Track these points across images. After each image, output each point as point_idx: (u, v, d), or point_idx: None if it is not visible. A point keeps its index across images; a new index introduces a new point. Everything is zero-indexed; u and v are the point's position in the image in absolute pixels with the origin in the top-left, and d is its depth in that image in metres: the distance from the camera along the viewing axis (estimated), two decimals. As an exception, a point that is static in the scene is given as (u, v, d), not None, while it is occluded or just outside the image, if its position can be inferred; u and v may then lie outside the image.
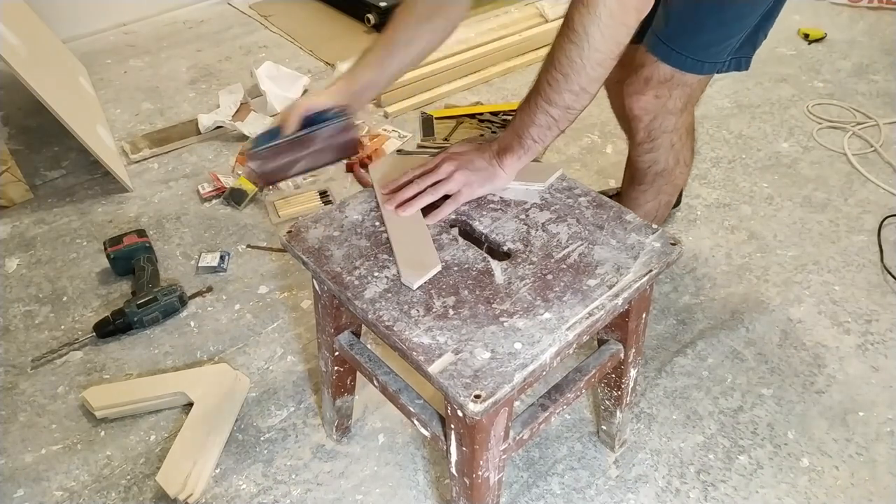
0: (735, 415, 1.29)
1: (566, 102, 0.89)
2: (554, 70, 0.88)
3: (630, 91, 1.19)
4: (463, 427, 0.83)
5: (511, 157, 0.97)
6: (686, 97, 1.19)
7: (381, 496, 1.18)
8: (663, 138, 1.24)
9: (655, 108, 1.19)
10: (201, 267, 1.62)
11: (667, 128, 1.22)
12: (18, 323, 1.51)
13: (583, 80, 0.87)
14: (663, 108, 1.19)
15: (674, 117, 1.21)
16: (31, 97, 1.66)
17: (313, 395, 1.34)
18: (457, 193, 0.97)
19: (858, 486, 1.17)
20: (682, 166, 1.32)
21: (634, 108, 1.20)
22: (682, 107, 1.20)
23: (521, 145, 0.96)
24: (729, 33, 1.10)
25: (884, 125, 2.05)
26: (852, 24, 2.62)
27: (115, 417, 1.30)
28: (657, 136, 1.23)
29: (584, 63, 0.85)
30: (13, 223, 1.80)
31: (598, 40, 0.83)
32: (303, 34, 2.69)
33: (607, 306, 0.84)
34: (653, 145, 1.25)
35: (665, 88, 1.16)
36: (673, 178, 1.33)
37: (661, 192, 1.34)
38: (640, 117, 1.21)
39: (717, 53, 1.13)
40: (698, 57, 1.12)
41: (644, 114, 1.20)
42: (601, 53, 0.85)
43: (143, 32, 2.77)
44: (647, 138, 1.24)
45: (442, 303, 0.85)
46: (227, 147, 2.05)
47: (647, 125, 1.22)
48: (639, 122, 1.22)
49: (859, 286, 1.54)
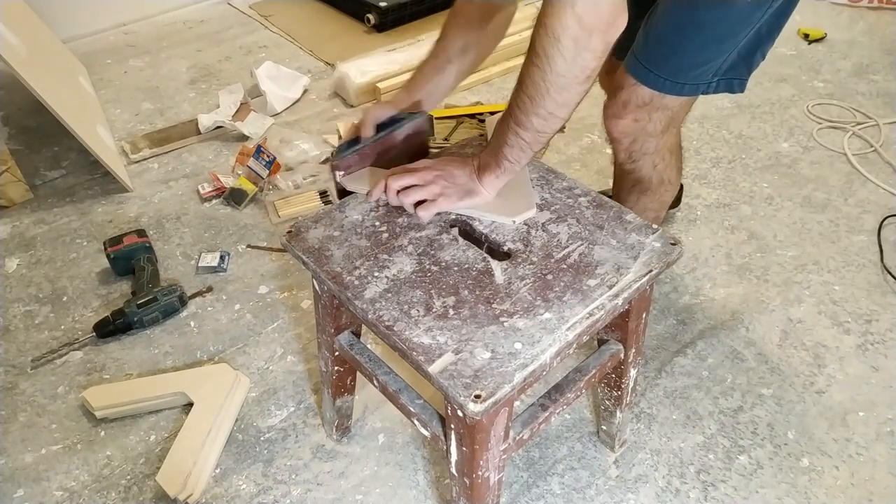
0: (735, 415, 1.29)
1: (535, 126, 0.87)
2: (522, 93, 0.85)
3: (608, 114, 1.17)
4: (463, 427, 0.83)
5: (489, 175, 0.96)
6: (667, 120, 1.15)
7: (381, 496, 1.18)
8: (644, 160, 1.21)
9: (634, 132, 1.16)
10: (201, 267, 1.62)
11: (648, 150, 1.19)
12: (18, 323, 1.51)
13: (548, 104, 0.84)
14: (643, 132, 1.16)
15: (654, 140, 1.17)
16: (31, 97, 1.66)
17: (313, 395, 1.34)
18: (431, 201, 0.96)
19: (858, 486, 1.17)
20: (668, 185, 1.29)
21: (613, 132, 1.18)
22: (664, 129, 1.17)
23: (497, 165, 0.94)
24: (709, 56, 1.06)
25: (884, 125, 2.05)
26: (852, 24, 2.62)
27: (115, 417, 1.30)
28: (638, 159, 1.21)
29: (548, 87, 0.82)
30: (13, 223, 1.80)
31: (560, 65, 0.80)
32: (303, 34, 2.69)
33: (607, 306, 0.84)
34: (634, 167, 1.23)
35: (644, 112, 1.12)
36: (658, 196, 1.30)
37: (646, 210, 1.31)
38: (619, 140, 1.18)
39: (698, 76, 1.08)
40: (678, 79, 1.08)
41: (623, 137, 1.17)
42: (565, 79, 0.81)
43: (143, 32, 2.77)
44: (629, 160, 1.22)
45: (442, 303, 0.85)
46: (227, 147, 2.05)
47: (627, 147, 1.19)
48: (618, 145, 1.20)
49: (859, 286, 1.54)
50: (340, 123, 2.10)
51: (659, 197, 1.30)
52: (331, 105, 2.25)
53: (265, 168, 1.81)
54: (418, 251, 0.92)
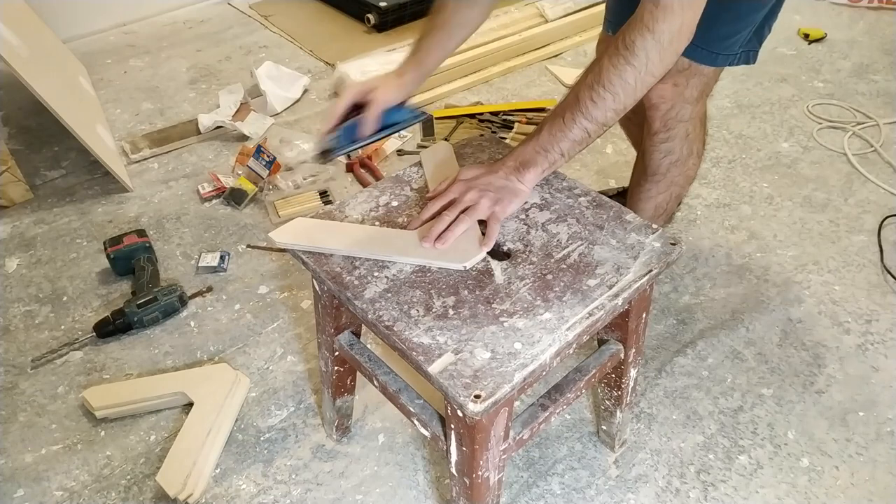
0: (735, 415, 1.29)
1: (606, 119, 0.91)
2: (602, 89, 0.89)
3: None
4: (463, 427, 0.83)
5: (534, 171, 0.96)
6: (702, 86, 1.20)
7: (381, 496, 1.18)
8: (679, 128, 1.25)
9: (673, 97, 1.20)
10: (201, 267, 1.62)
11: (683, 116, 1.23)
12: (18, 323, 1.51)
13: (629, 100, 0.90)
14: (680, 97, 1.20)
15: (690, 106, 1.22)
16: (31, 97, 1.66)
17: (313, 395, 1.34)
18: (492, 215, 0.93)
19: (858, 486, 1.17)
20: (695, 157, 1.33)
21: (653, 97, 1.21)
22: (698, 96, 1.21)
23: (546, 159, 0.95)
24: (742, 26, 1.12)
25: (884, 125, 2.05)
26: (852, 24, 2.62)
27: (115, 417, 1.30)
28: (673, 126, 1.24)
29: (636, 85, 0.88)
30: (13, 223, 1.80)
31: (655, 64, 0.87)
32: (303, 34, 2.69)
33: (607, 306, 0.84)
34: (668, 135, 1.26)
35: (683, 77, 1.17)
36: (686, 169, 1.34)
37: (672, 184, 1.35)
38: (657, 105, 1.22)
39: (730, 46, 1.14)
40: (713, 49, 1.13)
41: (662, 102, 1.21)
42: (653, 77, 0.89)
43: (143, 32, 2.77)
44: (664, 127, 1.25)
45: (442, 303, 0.85)
46: (227, 147, 2.05)
47: (664, 114, 1.23)
48: (656, 111, 1.23)
49: (859, 286, 1.54)
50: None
51: (686, 171, 1.34)
52: (331, 105, 2.25)
53: (265, 168, 1.81)
54: (418, 251, 0.92)
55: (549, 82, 2.34)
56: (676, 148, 1.28)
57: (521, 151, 0.97)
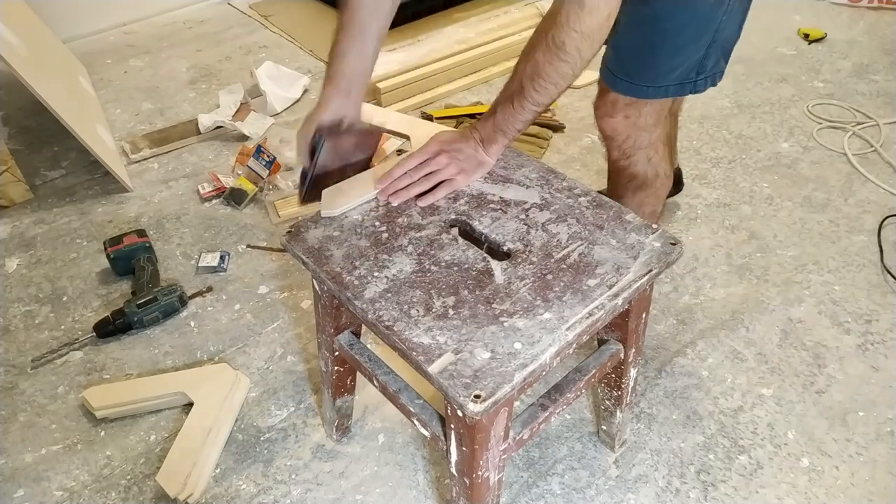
0: (735, 415, 1.29)
1: (553, 98, 0.98)
2: (542, 80, 0.95)
3: (600, 113, 1.21)
4: (463, 427, 0.83)
5: (495, 146, 1.04)
6: (656, 113, 1.18)
7: (381, 496, 1.18)
8: (639, 155, 1.23)
9: (626, 128, 1.19)
10: (201, 267, 1.62)
11: (641, 144, 1.22)
12: (18, 323, 1.51)
13: (572, 81, 0.96)
14: (634, 127, 1.18)
15: (647, 133, 1.20)
16: (31, 97, 1.67)
17: (313, 395, 1.34)
18: (451, 180, 1.02)
19: (858, 486, 1.17)
20: (663, 178, 1.30)
21: (606, 130, 1.22)
22: (655, 122, 1.19)
23: (504, 136, 1.03)
24: (683, 59, 1.09)
25: (884, 125, 2.05)
26: (852, 24, 2.62)
27: (115, 417, 1.30)
28: (632, 154, 1.23)
29: (574, 73, 0.95)
30: (13, 223, 1.80)
31: (587, 53, 0.93)
32: (303, 34, 2.69)
33: (607, 306, 0.84)
34: (629, 162, 1.25)
35: (633, 109, 1.16)
36: (654, 191, 1.31)
37: (643, 205, 1.32)
38: (612, 137, 1.22)
39: (679, 76, 1.11)
40: (659, 83, 1.12)
41: (616, 134, 1.21)
42: (587, 61, 0.94)
43: (143, 32, 2.77)
44: (623, 156, 1.24)
45: (442, 303, 0.85)
46: (227, 147, 2.05)
47: (621, 144, 1.22)
48: (612, 142, 1.23)
49: (859, 286, 1.54)
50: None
51: (654, 191, 1.31)
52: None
53: (265, 168, 1.81)
54: (418, 251, 0.92)
55: (549, 82, 2.34)
56: (640, 173, 1.27)
57: (482, 128, 1.04)
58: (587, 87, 2.24)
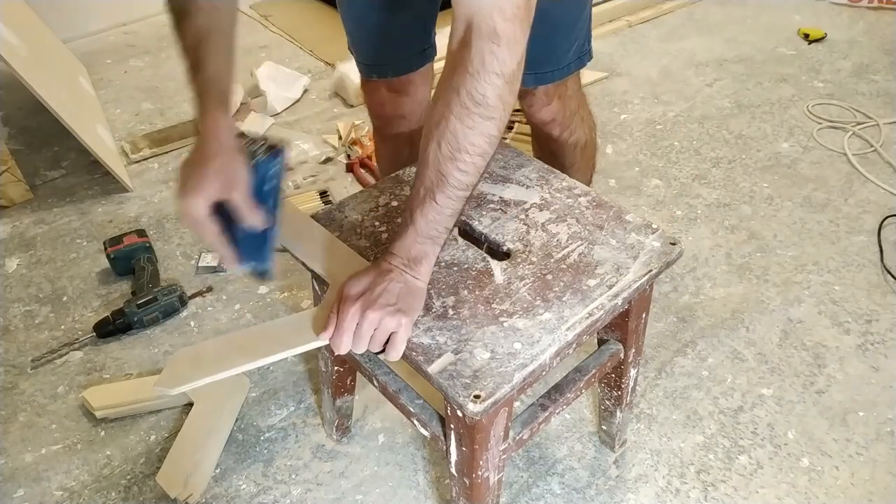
0: (735, 415, 1.29)
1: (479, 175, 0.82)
2: (466, 155, 0.78)
3: (536, 108, 1.25)
4: (463, 427, 0.83)
5: (426, 263, 0.83)
6: (576, 83, 1.27)
7: (381, 496, 1.18)
8: (574, 119, 1.30)
9: (561, 106, 1.26)
10: (201, 267, 1.62)
11: (573, 109, 1.29)
12: (18, 323, 1.51)
13: (495, 146, 0.80)
14: (566, 100, 1.26)
15: (573, 99, 1.28)
16: (31, 97, 1.67)
17: (313, 395, 1.34)
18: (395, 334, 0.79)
19: (858, 486, 1.17)
20: (594, 130, 1.39)
21: (545, 117, 1.26)
22: (577, 88, 1.29)
23: (434, 244, 0.83)
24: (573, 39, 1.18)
25: (884, 125, 2.05)
26: (852, 24, 2.62)
27: (115, 417, 1.30)
28: (570, 122, 1.30)
29: (499, 133, 0.79)
30: (13, 223, 1.80)
31: (510, 104, 0.79)
32: (303, 34, 2.69)
33: (607, 306, 0.84)
34: (570, 130, 1.31)
35: (560, 88, 1.23)
36: (594, 143, 1.39)
37: (589, 159, 1.40)
38: (554, 119, 1.27)
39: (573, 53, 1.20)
40: (562, 64, 1.19)
41: (556, 115, 1.26)
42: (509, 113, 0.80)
43: (143, 32, 2.77)
44: (565, 129, 1.30)
45: (442, 303, 0.85)
46: (227, 147, 2.05)
47: (562, 121, 1.28)
48: (554, 124, 1.28)
49: (859, 286, 1.54)
50: (340, 123, 2.10)
51: (593, 142, 1.40)
52: (331, 105, 2.25)
53: (265, 168, 1.80)
54: (418, 251, 0.92)
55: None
56: (581, 134, 1.33)
57: (402, 247, 0.82)
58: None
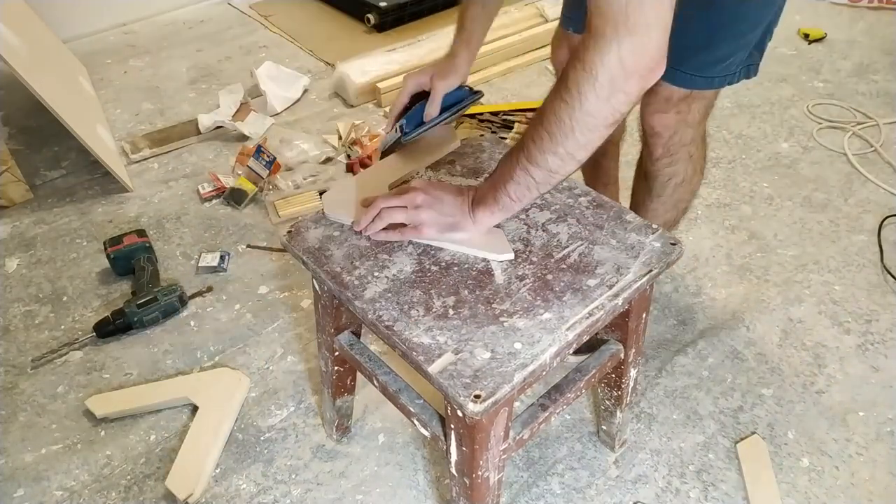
0: (735, 415, 1.29)
1: (549, 165, 0.81)
2: (541, 127, 0.78)
3: (651, 110, 1.17)
4: (463, 427, 0.83)
5: (484, 210, 0.88)
6: (704, 109, 1.18)
7: (381, 496, 1.18)
8: (682, 151, 1.22)
9: (676, 124, 1.17)
10: (201, 267, 1.62)
11: (685, 140, 1.21)
12: (18, 323, 1.51)
13: (570, 144, 0.78)
14: (683, 123, 1.17)
15: (692, 130, 1.20)
16: (31, 97, 1.66)
17: (313, 395, 1.34)
18: (412, 228, 0.90)
19: (858, 486, 1.17)
20: (699, 174, 1.31)
21: (656, 126, 1.18)
22: (700, 119, 1.19)
23: (496, 201, 0.87)
24: (735, 49, 1.09)
25: (884, 125, 2.05)
26: (852, 24, 2.62)
27: (116, 417, 1.30)
28: (676, 151, 1.22)
29: (573, 125, 0.76)
30: (13, 223, 1.80)
31: (592, 104, 0.74)
32: (303, 34, 2.69)
33: (607, 306, 0.84)
34: (672, 159, 1.24)
35: (685, 104, 1.14)
36: (692, 187, 1.31)
37: (679, 201, 1.32)
38: (661, 134, 1.19)
39: (725, 68, 1.11)
40: (707, 74, 1.10)
41: (665, 130, 1.18)
42: (593, 119, 0.75)
43: (143, 32, 2.77)
44: (667, 153, 1.22)
45: (442, 303, 0.85)
46: (227, 147, 2.05)
47: (667, 141, 1.20)
48: (658, 139, 1.20)
49: (859, 286, 1.54)
50: (340, 124, 2.10)
51: (692, 188, 1.31)
52: (331, 105, 2.25)
53: (265, 168, 1.81)
54: (418, 251, 0.92)
55: (549, 82, 2.34)
56: (681, 170, 1.26)
57: (482, 185, 0.90)
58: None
